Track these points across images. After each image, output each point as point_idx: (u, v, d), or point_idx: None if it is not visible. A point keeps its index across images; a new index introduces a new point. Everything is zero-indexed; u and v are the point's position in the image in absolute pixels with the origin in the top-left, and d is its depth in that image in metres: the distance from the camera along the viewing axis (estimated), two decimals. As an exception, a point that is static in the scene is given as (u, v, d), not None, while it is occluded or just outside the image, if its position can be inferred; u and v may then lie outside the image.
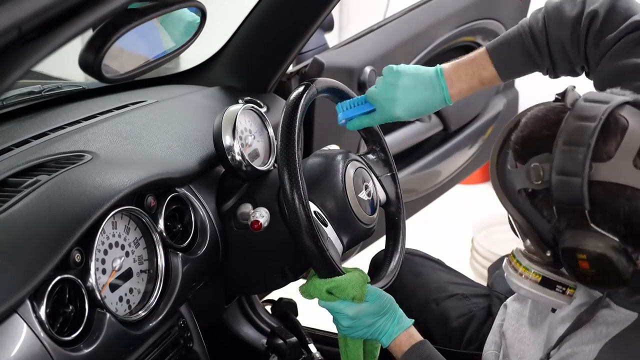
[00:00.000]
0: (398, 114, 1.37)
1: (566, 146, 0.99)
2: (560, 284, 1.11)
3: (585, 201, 0.98)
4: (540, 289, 1.11)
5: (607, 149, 0.98)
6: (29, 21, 0.66)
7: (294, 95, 1.30)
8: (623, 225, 0.99)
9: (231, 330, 1.75)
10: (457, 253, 3.15)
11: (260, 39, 1.76)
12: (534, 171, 1.02)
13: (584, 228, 1.00)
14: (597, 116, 0.98)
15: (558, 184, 0.99)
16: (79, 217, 1.13)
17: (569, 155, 0.98)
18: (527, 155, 1.04)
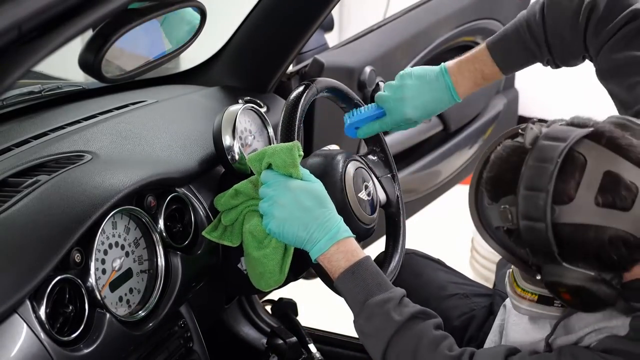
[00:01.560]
0: (409, 114, 1.39)
1: (527, 191, 1.00)
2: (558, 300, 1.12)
3: (552, 244, 0.99)
4: (538, 306, 1.14)
5: (567, 191, 0.99)
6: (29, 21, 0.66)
7: (294, 95, 1.30)
8: (594, 259, 1.00)
9: (231, 330, 1.75)
10: (457, 253, 3.14)
11: (260, 39, 1.76)
12: (503, 214, 1.04)
13: (559, 264, 1.02)
14: (555, 158, 0.98)
15: (525, 229, 1.01)
16: (79, 217, 1.13)
17: (531, 200, 0.99)
18: (497, 196, 1.06)
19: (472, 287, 1.70)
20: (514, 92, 2.69)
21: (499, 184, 1.06)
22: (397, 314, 1.15)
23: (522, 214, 1.01)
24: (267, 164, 1.23)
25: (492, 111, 2.55)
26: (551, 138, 1.01)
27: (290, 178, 1.22)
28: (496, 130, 2.56)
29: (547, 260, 1.03)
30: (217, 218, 1.33)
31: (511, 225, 1.03)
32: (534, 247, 1.03)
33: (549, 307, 1.13)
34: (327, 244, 1.19)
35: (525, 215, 1.00)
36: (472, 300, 1.64)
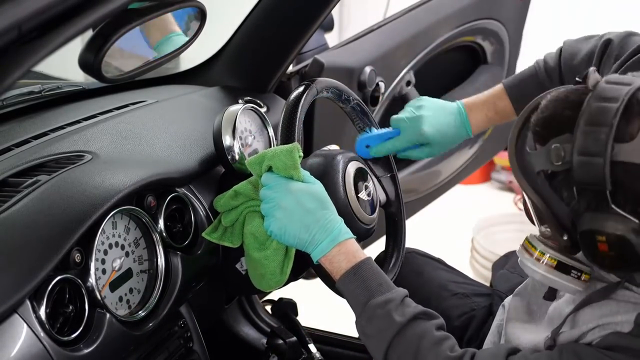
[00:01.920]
0: (425, 131, 1.44)
1: (588, 127, 0.99)
2: (575, 269, 1.10)
3: (607, 182, 0.97)
4: (555, 273, 1.11)
5: (630, 130, 0.98)
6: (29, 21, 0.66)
7: (294, 95, 1.30)
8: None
9: (231, 330, 1.75)
10: (457, 253, 3.15)
11: (260, 39, 1.76)
12: (555, 152, 1.02)
13: (604, 210, 0.99)
14: (620, 97, 0.98)
15: (579, 165, 0.99)
16: (79, 217, 1.13)
17: (591, 135, 0.98)
18: (548, 136, 1.04)
19: (473, 287, 1.70)
20: (514, 92, 2.68)
21: (553, 122, 1.04)
22: (399, 314, 1.15)
23: (579, 149, 0.99)
24: (267, 166, 1.23)
25: (492, 111, 2.55)
26: (614, 82, 1.01)
27: (291, 180, 1.22)
28: (496, 130, 2.55)
29: (592, 204, 1.00)
30: (217, 219, 1.33)
31: (560, 165, 1.01)
32: (584, 185, 1.00)
33: (565, 276, 1.10)
34: (328, 246, 1.19)
35: (582, 151, 0.99)
36: (473, 299, 1.64)
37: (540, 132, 1.06)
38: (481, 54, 2.44)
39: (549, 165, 1.04)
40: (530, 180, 1.09)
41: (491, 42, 2.42)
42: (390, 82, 2.08)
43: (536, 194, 1.08)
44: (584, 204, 1.02)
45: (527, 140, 1.09)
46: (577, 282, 1.11)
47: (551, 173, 1.05)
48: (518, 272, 1.62)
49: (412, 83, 2.17)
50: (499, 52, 2.47)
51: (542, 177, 1.07)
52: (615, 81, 1.02)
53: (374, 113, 2.02)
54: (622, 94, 0.98)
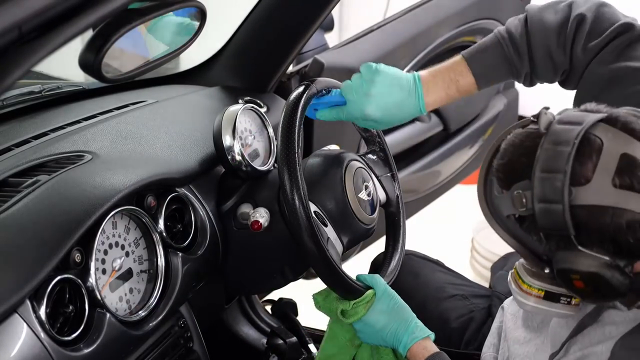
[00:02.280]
0: (369, 112, 1.34)
1: (544, 173, 0.99)
2: (564, 296, 1.11)
3: (569, 227, 0.98)
4: (545, 303, 1.12)
5: (584, 172, 0.98)
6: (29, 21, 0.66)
7: (294, 95, 1.30)
8: (610, 243, 0.99)
9: (231, 330, 1.75)
10: (457, 253, 3.15)
11: (260, 39, 1.76)
12: (517, 198, 1.02)
13: (573, 249, 1.00)
14: (571, 140, 0.98)
15: (541, 212, 1.00)
16: (79, 217, 1.13)
17: (547, 182, 0.99)
18: (510, 182, 1.05)
19: (471, 288, 1.70)
20: (514, 92, 2.69)
21: (512, 169, 1.05)
22: None
23: (537, 196, 0.99)
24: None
25: (492, 111, 2.55)
26: (566, 122, 1.01)
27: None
28: (496, 131, 2.55)
29: (562, 245, 1.01)
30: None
31: (525, 211, 1.02)
32: (549, 231, 1.01)
33: (555, 304, 1.11)
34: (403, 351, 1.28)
35: (541, 198, 0.99)
36: (471, 301, 1.64)
37: (502, 178, 1.07)
38: (481, 54, 2.43)
39: (515, 210, 1.04)
40: (501, 223, 1.10)
41: (491, 42, 2.41)
42: (390, 82, 2.07)
43: (509, 236, 1.10)
44: (554, 245, 1.03)
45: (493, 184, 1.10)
46: (568, 308, 1.12)
47: (519, 217, 1.05)
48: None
49: (412, 83, 2.16)
50: (499, 52, 2.47)
51: (512, 220, 1.07)
52: (567, 121, 1.01)
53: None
54: (573, 136, 0.98)
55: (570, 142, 0.98)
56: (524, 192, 1.01)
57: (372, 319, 1.28)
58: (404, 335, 1.27)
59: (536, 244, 1.07)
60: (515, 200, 1.03)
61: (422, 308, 1.64)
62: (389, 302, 1.29)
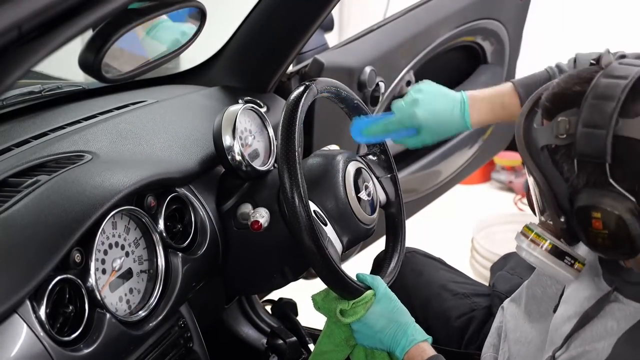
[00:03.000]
0: (418, 114, 1.39)
1: (595, 100, 1.00)
2: (569, 256, 1.10)
3: (607, 154, 0.98)
4: (549, 257, 1.11)
5: (635, 107, 0.98)
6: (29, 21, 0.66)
7: (294, 95, 1.30)
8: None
9: (231, 330, 1.75)
10: (457, 253, 3.15)
11: (260, 39, 1.76)
12: (560, 124, 1.03)
13: (602, 186, 1.00)
14: (629, 75, 1.00)
15: (582, 136, 1.00)
16: (79, 217, 1.13)
17: (597, 108, 0.99)
18: (556, 111, 1.05)
19: (473, 287, 1.70)
20: (514, 92, 2.68)
21: (562, 97, 1.05)
22: None
23: (583, 121, 1.00)
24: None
25: (492, 111, 2.54)
26: (626, 63, 1.03)
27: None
28: (496, 131, 2.55)
29: (591, 179, 1.01)
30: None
31: (564, 138, 1.03)
32: (585, 158, 1.01)
33: (558, 262, 1.11)
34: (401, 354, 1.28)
35: (586, 123, 1.00)
36: (472, 300, 1.64)
37: (549, 107, 1.07)
38: (481, 54, 2.44)
39: (553, 139, 1.05)
40: (534, 156, 1.10)
41: (491, 42, 2.42)
42: (390, 82, 2.08)
43: (538, 169, 1.09)
44: (583, 180, 1.02)
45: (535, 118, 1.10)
46: (570, 270, 1.11)
47: (554, 147, 1.06)
48: (517, 274, 1.62)
49: (412, 83, 2.17)
50: (499, 52, 2.47)
51: (546, 153, 1.07)
52: (627, 62, 1.03)
53: (374, 113, 2.02)
54: (632, 72, 1.00)
55: (629, 77, 1.00)
56: (569, 118, 1.02)
57: (371, 320, 1.28)
58: (402, 338, 1.27)
59: (562, 183, 1.06)
60: (557, 127, 1.03)
61: (425, 306, 1.64)
62: (388, 304, 1.29)
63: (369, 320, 1.28)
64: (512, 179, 4.17)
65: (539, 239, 1.11)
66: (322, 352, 1.36)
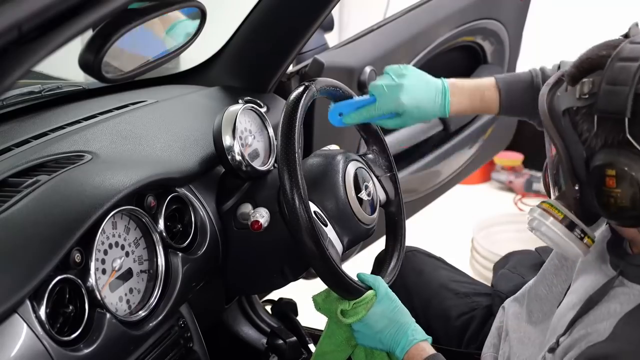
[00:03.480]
0: (403, 100, 1.38)
1: (620, 62, 1.02)
2: (579, 229, 1.11)
3: (627, 109, 0.99)
4: (560, 227, 1.11)
5: None
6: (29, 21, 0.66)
7: (294, 95, 1.30)
8: None
9: (231, 330, 1.75)
10: (457, 253, 3.15)
11: (260, 39, 1.76)
12: (585, 85, 1.05)
13: (620, 145, 1.01)
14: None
15: (605, 93, 1.02)
16: (79, 217, 1.13)
17: (621, 68, 1.01)
18: (580, 76, 1.07)
19: (473, 286, 1.70)
20: (514, 92, 2.68)
21: (588, 62, 1.07)
22: None
23: (607, 79, 1.02)
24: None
25: (492, 111, 2.54)
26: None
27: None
28: (496, 130, 2.56)
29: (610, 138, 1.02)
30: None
31: (587, 98, 1.04)
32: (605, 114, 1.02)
33: (569, 233, 1.11)
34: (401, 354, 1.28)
35: (610, 80, 1.02)
36: (473, 299, 1.64)
37: (574, 73, 1.08)
38: (481, 54, 2.44)
39: (575, 101, 1.06)
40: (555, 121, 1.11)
41: (491, 42, 2.42)
42: (390, 82, 2.07)
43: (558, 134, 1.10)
44: (601, 139, 1.04)
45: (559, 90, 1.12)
46: (579, 244, 1.11)
47: (576, 109, 1.07)
48: (519, 273, 1.62)
49: (412, 83, 2.16)
50: (499, 52, 2.47)
51: (567, 117, 1.09)
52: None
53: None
54: None
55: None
56: (593, 79, 1.04)
57: (372, 320, 1.28)
58: (403, 338, 1.27)
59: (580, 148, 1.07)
60: (581, 88, 1.05)
61: (425, 305, 1.64)
62: (389, 304, 1.29)
63: (369, 321, 1.28)
64: (512, 179, 4.17)
65: (551, 208, 1.12)
66: (324, 353, 1.36)
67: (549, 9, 3.71)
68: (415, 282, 1.68)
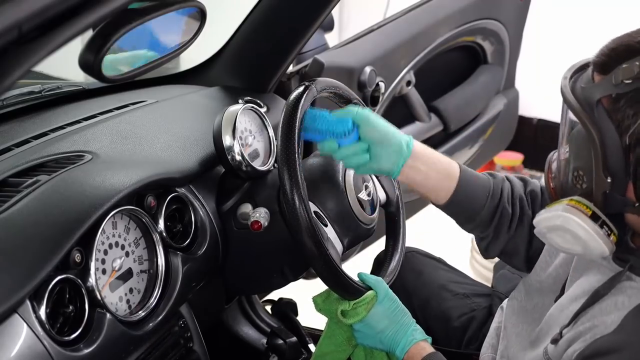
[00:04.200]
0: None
1: None
2: (607, 226, 1.07)
3: None
4: (589, 222, 1.07)
5: None
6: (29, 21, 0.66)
7: (294, 95, 1.30)
8: None
9: (231, 330, 1.75)
10: (457, 253, 3.14)
11: (260, 39, 1.76)
12: (625, 71, 1.01)
13: None
14: None
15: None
16: (79, 217, 1.13)
17: None
18: (614, 63, 1.04)
19: (473, 287, 1.70)
20: (514, 92, 2.69)
21: (623, 49, 1.04)
22: None
23: None
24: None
25: (492, 111, 2.55)
26: None
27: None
28: (496, 130, 2.56)
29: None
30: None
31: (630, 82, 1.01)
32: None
33: (596, 228, 1.06)
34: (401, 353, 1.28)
35: None
36: (473, 300, 1.64)
37: (605, 61, 1.05)
38: (481, 54, 2.44)
39: (613, 88, 1.03)
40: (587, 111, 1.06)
41: (491, 42, 2.42)
42: (390, 82, 2.08)
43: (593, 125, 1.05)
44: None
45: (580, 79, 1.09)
46: (606, 240, 1.07)
47: (615, 97, 1.04)
48: (518, 273, 1.62)
49: (412, 83, 2.17)
50: (499, 52, 2.47)
51: (601, 107, 1.05)
52: None
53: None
54: None
55: None
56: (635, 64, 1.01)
57: (372, 321, 1.28)
58: (403, 338, 1.28)
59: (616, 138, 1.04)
60: (620, 74, 1.02)
61: (424, 306, 1.64)
62: (390, 305, 1.29)
63: (370, 321, 1.28)
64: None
65: (578, 204, 1.08)
66: (324, 354, 1.36)
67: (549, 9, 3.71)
68: (415, 283, 1.68)
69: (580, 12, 3.80)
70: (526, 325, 1.30)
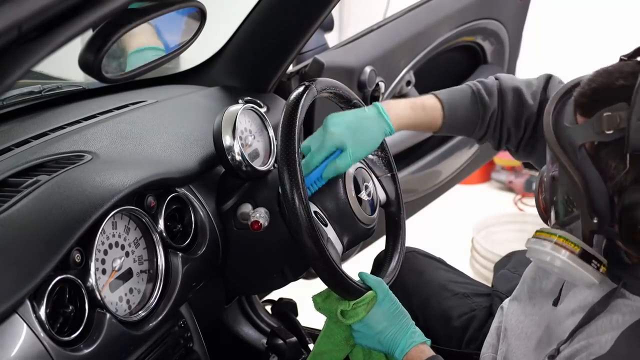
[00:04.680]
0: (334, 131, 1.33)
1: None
2: (596, 259, 1.06)
3: None
4: (577, 261, 1.06)
5: None
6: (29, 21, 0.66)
7: (294, 95, 1.30)
8: None
9: (231, 330, 1.75)
10: (457, 253, 3.15)
11: (261, 39, 1.76)
12: (607, 120, 0.99)
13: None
14: None
15: (638, 129, 0.96)
16: (79, 217, 1.13)
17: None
18: (597, 107, 1.01)
19: (473, 287, 1.70)
20: (514, 92, 2.68)
21: (604, 93, 1.02)
22: None
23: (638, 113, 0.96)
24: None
25: (492, 111, 2.54)
26: None
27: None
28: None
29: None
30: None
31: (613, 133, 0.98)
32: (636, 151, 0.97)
33: (586, 265, 1.05)
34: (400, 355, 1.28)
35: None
36: (473, 300, 1.64)
37: (587, 104, 1.04)
38: (481, 54, 2.44)
39: (596, 135, 1.01)
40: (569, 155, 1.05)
41: (491, 42, 2.42)
42: (390, 82, 2.08)
43: (575, 168, 1.04)
44: (632, 176, 0.99)
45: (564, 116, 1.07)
46: (596, 274, 1.07)
47: (598, 144, 1.02)
48: (519, 273, 1.62)
49: (412, 83, 2.17)
50: (499, 52, 2.47)
51: (584, 151, 1.04)
52: None
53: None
54: None
55: None
56: (617, 113, 0.98)
57: (372, 321, 1.28)
58: (402, 339, 1.27)
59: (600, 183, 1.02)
60: (602, 123, 0.99)
61: (425, 306, 1.64)
62: (390, 306, 1.29)
63: (369, 322, 1.28)
64: (512, 179, 4.17)
65: (566, 242, 1.07)
66: (321, 352, 1.36)
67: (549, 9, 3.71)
68: (415, 283, 1.68)
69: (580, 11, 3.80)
70: (526, 328, 1.30)
